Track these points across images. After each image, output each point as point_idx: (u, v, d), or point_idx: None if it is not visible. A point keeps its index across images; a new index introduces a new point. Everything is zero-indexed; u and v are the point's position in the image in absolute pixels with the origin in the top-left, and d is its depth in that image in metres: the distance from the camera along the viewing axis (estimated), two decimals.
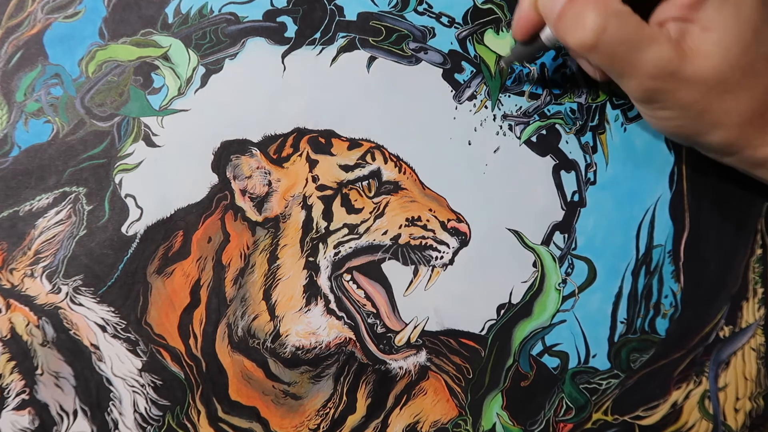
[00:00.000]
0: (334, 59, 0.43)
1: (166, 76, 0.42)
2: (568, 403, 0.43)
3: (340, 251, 0.42)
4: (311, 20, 0.44)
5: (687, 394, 0.43)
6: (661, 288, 0.44)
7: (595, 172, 0.44)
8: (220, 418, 0.41)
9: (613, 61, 0.36)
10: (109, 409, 0.40)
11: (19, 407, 0.40)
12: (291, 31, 0.43)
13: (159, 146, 0.42)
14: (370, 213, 0.42)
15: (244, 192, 0.42)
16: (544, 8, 0.37)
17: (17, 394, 0.40)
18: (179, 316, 0.41)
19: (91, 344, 0.40)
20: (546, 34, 0.39)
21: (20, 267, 0.41)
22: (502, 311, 0.43)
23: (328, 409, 0.41)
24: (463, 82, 0.44)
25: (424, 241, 0.42)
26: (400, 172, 0.43)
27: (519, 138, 0.44)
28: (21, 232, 0.41)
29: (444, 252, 0.42)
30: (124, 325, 0.41)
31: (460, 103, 0.44)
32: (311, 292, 0.42)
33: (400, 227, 0.42)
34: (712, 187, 0.44)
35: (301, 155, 0.43)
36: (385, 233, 0.42)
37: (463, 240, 0.43)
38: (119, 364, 0.40)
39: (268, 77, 0.43)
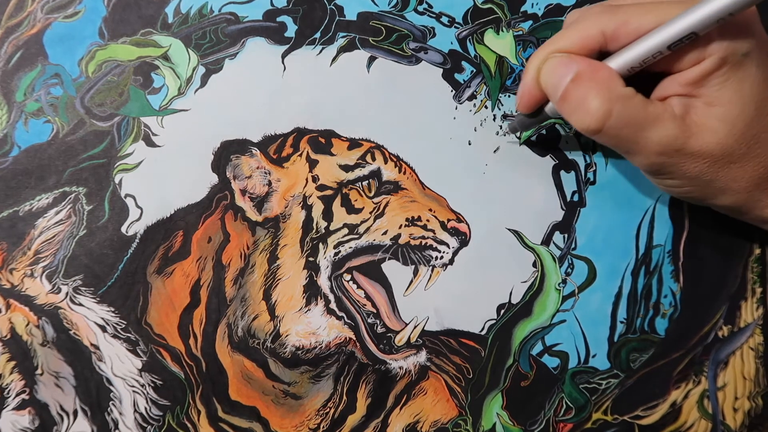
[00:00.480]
0: (334, 59, 0.43)
1: (166, 76, 0.42)
2: (568, 402, 0.43)
3: (340, 251, 0.42)
4: (311, 20, 0.44)
5: (686, 393, 0.43)
6: (661, 288, 0.44)
7: (594, 172, 0.44)
8: (220, 418, 0.41)
9: (618, 143, 0.36)
10: (109, 408, 0.40)
11: (19, 407, 0.40)
12: (291, 30, 0.43)
13: (159, 146, 0.42)
14: (370, 213, 0.42)
15: (244, 192, 0.42)
16: (546, 86, 0.37)
17: (17, 394, 0.40)
18: (179, 316, 0.41)
19: (91, 344, 0.40)
20: (550, 108, 0.39)
21: (20, 267, 0.41)
22: (502, 311, 0.43)
23: (328, 409, 0.41)
24: (463, 82, 0.44)
25: (424, 241, 0.42)
26: (400, 172, 0.43)
27: (519, 138, 0.44)
28: (21, 232, 0.41)
29: (444, 252, 0.42)
30: (124, 325, 0.41)
31: (460, 103, 0.44)
32: (311, 292, 0.42)
33: (400, 227, 0.42)
34: None
35: (301, 155, 0.43)
36: (385, 233, 0.42)
37: (463, 240, 0.43)
38: (119, 364, 0.40)
39: (268, 77, 0.43)
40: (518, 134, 0.43)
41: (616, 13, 0.35)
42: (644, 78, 0.37)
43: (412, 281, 0.42)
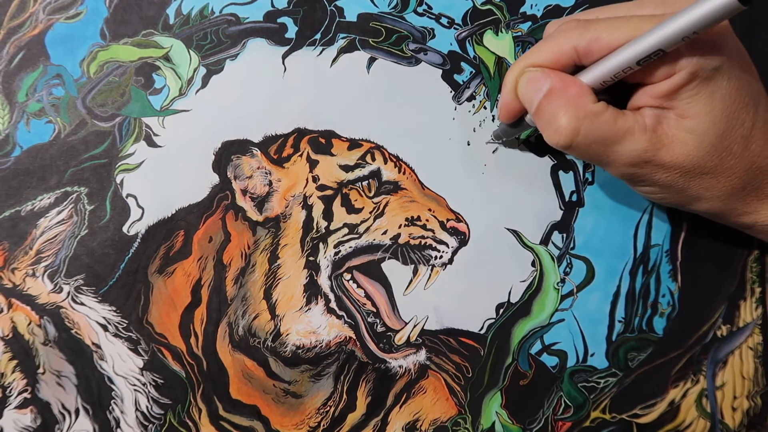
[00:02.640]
0: (334, 60, 0.44)
1: (167, 77, 0.43)
2: (567, 401, 0.43)
3: (340, 251, 0.42)
4: (311, 21, 0.44)
5: (684, 392, 0.43)
6: (659, 287, 0.44)
7: (592, 173, 0.44)
8: (221, 417, 0.41)
9: (589, 157, 0.37)
10: (110, 407, 0.40)
11: (21, 406, 0.40)
12: (291, 32, 0.44)
13: (160, 146, 0.42)
14: (370, 213, 0.42)
15: (244, 192, 0.42)
16: (523, 99, 0.38)
17: (19, 393, 0.40)
18: (180, 315, 0.41)
19: (93, 343, 0.41)
20: (529, 118, 0.39)
21: (22, 266, 0.41)
22: (501, 310, 0.43)
23: (328, 408, 0.42)
24: (462, 83, 0.44)
25: (423, 241, 0.42)
26: (399, 172, 0.43)
27: (518, 138, 0.44)
28: (23, 232, 0.41)
29: (443, 251, 0.43)
30: (125, 325, 0.41)
31: (460, 104, 0.44)
32: (311, 291, 0.42)
33: (399, 227, 0.42)
34: None
35: (301, 155, 0.43)
36: (384, 233, 0.42)
37: (463, 239, 0.43)
38: (121, 363, 0.41)
39: (269, 78, 0.43)
40: (501, 141, 0.44)
41: (587, 29, 0.36)
42: (623, 86, 0.37)
43: (411, 280, 0.42)
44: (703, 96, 0.35)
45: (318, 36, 0.44)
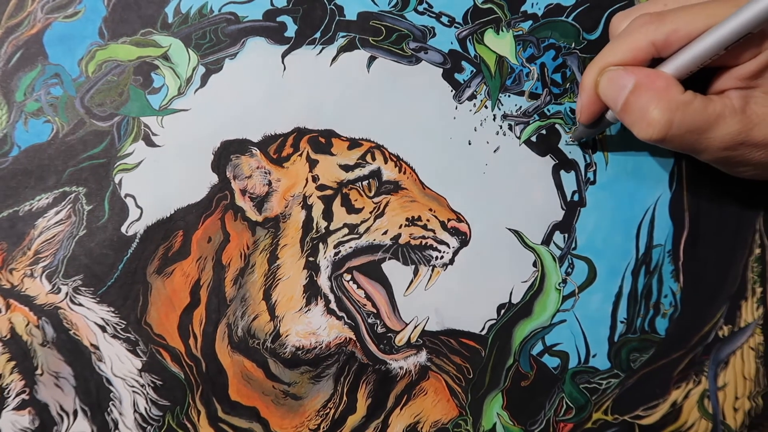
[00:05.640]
0: (334, 59, 0.43)
1: (166, 76, 0.42)
2: (569, 402, 0.43)
3: (340, 251, 0.42)
4: (311, 20, 0.44)
5: (686, 393, 0.43)
6: (661, 287, 0.44)
7: (594, 172, 0.44)
8: (220, 419, 0.41)
9: (683, 147, 0.37)
10: (109, 409, 0.40)
11: (19, 407, 0.40)
12: (291, 30, 0.43)
13: (159, 146, 0.42)
14: (370, 213, 0.42)
15: (244, 192, 0.42)
16: (606, 97, 0.38)
17: (17, 394, 0.40)
18: (179, 316, 0.41)
19: (91, 344, 0.40)
20: (611, 114, 0.40)
21: (20, 267, 0.40)
22: (503, 311, 0.43)
23: (328, 410, 0.41)
24: (463, 82, 0.44)
25: (424, 241, 0.42)
26: (400, 171, 0.43)
27: (519, 138, 0.44)
28: (20, 232, 0.41)
29: (444, 252, 0.42)
30: (123, 325, 0.41)
31: (460, 103, 0.44)
32: (311, 292, 0.42)
33: (400, 227, 0.42)
34: (712, 187, 0.44)
35: (301, 155, 0.43)
36: (385, 233, 0.42)
37: (464, 240, 0.43)
38: (119, 364, 0.40)
39: (268, 77, 0.43)
40: (582, 140, 0.44)
41: (663, 22, 0.36)
42: (700, 72, 0.37)
43: (412, 281, 0.42)
44: None
45: (318, 35, 0.43)
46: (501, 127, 0.44)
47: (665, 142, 0.36)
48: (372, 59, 0.44)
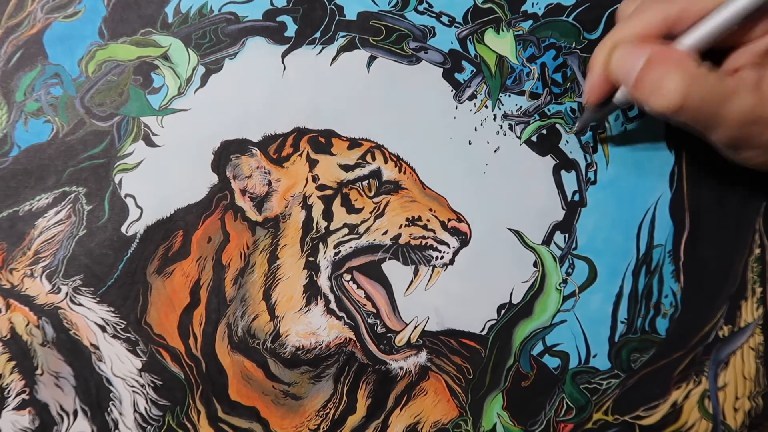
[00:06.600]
0: (334, 59, 0.43)
1: (166, 76, 0.42)
2: (569, 403, 0.43)
3: (340, 251, 0.42)
4: (311, 20, 0.44)
5: (687, 393, 0.43)
6: (662, 288, 0.44)
7: (595, 172, 0.44)
8: (220, 419, 0.41)
9: (698, 120, 0.36)
10: (109, 409, 0.40)
11: (19, 407, 0.40)
12: (291, 30, 0.43)
13: (159, 146, 0.42)
14: (370, 213, 0.42)
15: (244, 192, 0.42)
16: (618, 74, 0.37)
17: (17, 394, 0.40)
18: (179, 316, 0.41)
19: (91, 344, 0.40)
20: (618, 97, 0.39)
21: (20, 267, 0.40)
22: (503, 311, 0.43)
23: (328, 410, 0.41)
24: (463, 82, 0.44)
25: (424, 241, 0.42)
26: (400, 171, 0.43)
27: (519, 138, 0.44)
28: (21, 232, 0.41)
29: (444, 252, 0.42)
30: (123, 325, 0.41)
31: (461, 103, 0.44)
32: (311, 292, 0.42)
33: (400, 227, 0.42)
34: (712, 187, 0.44)
35: (301, 155, 0.42)
36: (385, 233, 0.42)
37: (464, 240, 0.43)
38: (119, 364, 0.40)
39: (268, 77, 0.43)
40: (585, 130, 0.44)
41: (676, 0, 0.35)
42: (709, 53, 0.37)
43: (412, 281, 0.42)
44: None
45: (318, 34, 0.43)
46: (501, 126, 0.44)
47: (682, 113, 0.35)
48: (372, 59, 0.44)
